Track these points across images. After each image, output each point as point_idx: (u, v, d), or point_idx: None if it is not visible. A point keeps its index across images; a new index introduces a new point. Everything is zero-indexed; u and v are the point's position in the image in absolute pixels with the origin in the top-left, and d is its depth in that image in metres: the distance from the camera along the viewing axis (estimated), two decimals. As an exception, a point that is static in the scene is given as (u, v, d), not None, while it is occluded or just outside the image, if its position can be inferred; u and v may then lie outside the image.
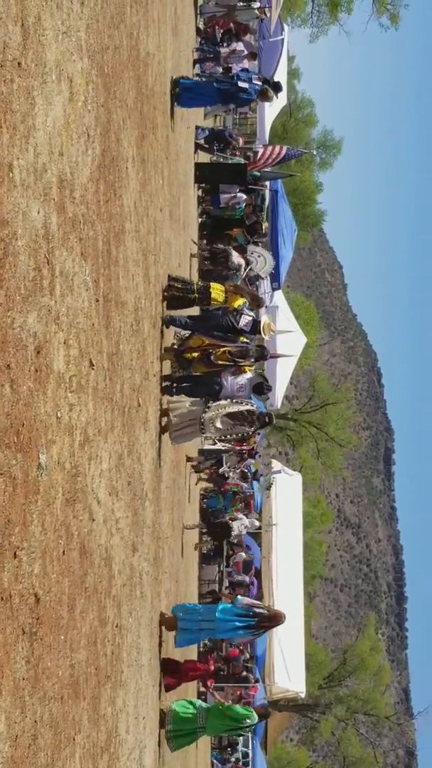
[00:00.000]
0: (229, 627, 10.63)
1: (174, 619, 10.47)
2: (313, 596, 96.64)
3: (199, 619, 10.63)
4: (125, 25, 6.99)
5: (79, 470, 4.93)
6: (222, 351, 11.57)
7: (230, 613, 10.66)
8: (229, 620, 10.58)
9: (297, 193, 53.36)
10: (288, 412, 56.23)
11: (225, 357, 11.56)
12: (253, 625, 10.70)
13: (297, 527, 27.68)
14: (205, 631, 10.83)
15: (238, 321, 11.89)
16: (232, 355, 11.55)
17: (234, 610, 10.70)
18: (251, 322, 12.05)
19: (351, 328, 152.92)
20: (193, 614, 10.67)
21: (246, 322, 11.91)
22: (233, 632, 10.92)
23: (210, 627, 10.65)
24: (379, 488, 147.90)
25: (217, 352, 11.58)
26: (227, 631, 10.82)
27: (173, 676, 10.63)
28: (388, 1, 50.19)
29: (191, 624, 10.56)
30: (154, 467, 9.07)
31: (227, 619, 10.58)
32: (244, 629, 10.74)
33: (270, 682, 23.32)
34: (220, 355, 11.57)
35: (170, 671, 10.49)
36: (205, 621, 10.62)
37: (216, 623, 10.57)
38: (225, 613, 10.64)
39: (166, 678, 10.33)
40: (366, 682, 54.96)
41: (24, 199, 3.81)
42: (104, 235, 5.79)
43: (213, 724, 10.70)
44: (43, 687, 4.05)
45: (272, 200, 25.09)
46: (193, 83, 13.36)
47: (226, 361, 11.57)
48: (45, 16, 4.17)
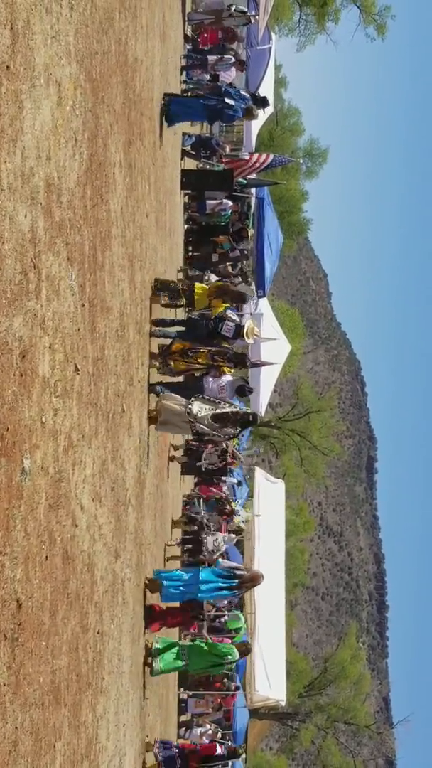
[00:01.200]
0: (211, 588, 11.00)
1: (158, 583, 10.73)
2: (295, 604, 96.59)
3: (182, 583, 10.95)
4: (114, 30, 6.99)
5: (62, 476, 4.91)
6: (203, 352, 11.69)
7: (212, 575, 11.10)
8: (212, 582, 10.97)
9: (283, 201, 53.46)
10: (271, 420, 56.23)
11: (204, 357, 11.69)
12: (234, 586, 11.09)
13: (279, 535, 27.65)
14: (188, 593, 11.11)
15: (220, 327, 12.06)
16: (212, 356, 11.67)
17: (216, 572, 11.20)
18: (234, 327, 12.21)
19: (335, 337, 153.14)
20: (176, 579, 10.97)
21: (228, 328, 12.08)
22: (216, 593, 11.27)
23: (193, 590, 10.97)
24: (361, 497, 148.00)
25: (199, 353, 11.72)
26: (210, 591, 11.13)
27: (157, 621, 10.87)
28: (375, 12, 50.38)
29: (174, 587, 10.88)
30: (137, 473, 9.05)
31: (210, 580, 10.98)
32: (226, 590, 11.13)
33: (250, 690, 23.24)
34: (201, 354, 11.70)
35: (154, 617, 10.74)
36: (189, 585, 10.94)
37: (199, 586, 10.92)
38: (207, 575, 11.08)
39: (151, 623, 10.61)
40: (346, 690, 54.91)
41: (11, 202, 3.80)
42: (91, 240, 5.78)
43: (196, 661, 11.15)
44: (24, 693, 4.03)
45: (258, 208, 25.11)
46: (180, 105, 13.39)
47: (205, 359, 11.70)
48: (34, 20, 4.16)
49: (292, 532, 53.28)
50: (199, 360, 11.70)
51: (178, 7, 15.74)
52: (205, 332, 12.27)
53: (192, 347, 11.68)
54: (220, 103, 14.40)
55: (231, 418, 11.45)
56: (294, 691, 49.00)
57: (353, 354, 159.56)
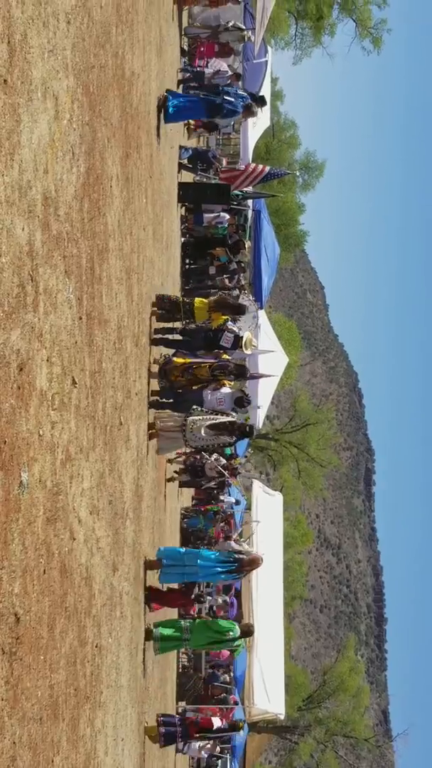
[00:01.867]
0: (210, 572, 11.14)
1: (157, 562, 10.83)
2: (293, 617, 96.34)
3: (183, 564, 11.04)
4: (111, 44, 7.01)
5: (60, 489, 4.90)
6: (203, 366, 11.77)
7: (212, 559, 11.21)
8: (211, 566, 11.07)
9: (279, 213, 53.56)
10: (269, 432, 56.20)
11: (205, 372, 11.74)
12: (233, 569, 11.22)
13: (277, 548, 27.58)
14: (187, 574, 11.23)
15: (219, 338, 12.19)
16: (212, 370, 11.74)
17: (214, 556, 11.32)
18: (233, 338, 12.34)
19: (332, 349, 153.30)
20: (176, 558, 11.07)
21: (227, 339, 12.19)
22: (215, 576, 11.46)
23: (192, 571, 11.08)
24: (359, 509, 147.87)
25: (198, 367, 11.80)
26: (209, 575, 11.32)
27: (157, 602, 11.03)
28: (370, 26, 50.61)
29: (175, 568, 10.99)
30: (135, 486, 9.03)
31: (209, 565, 11.07)
32: (225, 573, 11.29)
33: (249, 704, 23.12)
34: (201, 370, 11.78)
35: (154, 598, 10.86)
36: (188, 566, 11.04)
37: (198, 568, 11.02)
38: (206, 559, 11.18)
39: (152, 603, 10.75)
40: (345, 703, 54.71)
41: (8, 216, 3.80)
42: (88, 253, 5.79)
43: (197, 637, 11.30)
44: (22, 708, 4.01)
45: (255, 220, 25.15)
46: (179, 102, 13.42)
47: (207, 375, 11.77)
48: (31, 34, 4.18)
49: (290, 544, 53.18)
50: (199, 376, 11.78)
51: (174, 21, 15.80)
52: (204, 343, 12.42)
53: (192, 363, 11.77)
54: (219, 97, 14.48)
55: (228, 427, 11.58)
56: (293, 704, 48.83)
57: (350, 366, 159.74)
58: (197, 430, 11.34)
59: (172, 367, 11.58)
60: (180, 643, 11.39)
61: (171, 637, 10.99)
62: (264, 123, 30.51)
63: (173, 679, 17.53)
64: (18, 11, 3.94)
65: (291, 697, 45.18)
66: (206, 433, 11.37)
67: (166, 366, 11.61)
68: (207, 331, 12.52)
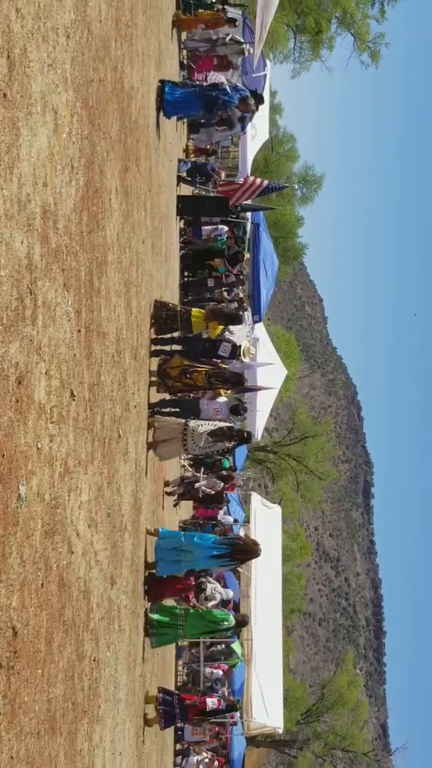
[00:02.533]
0: (206, 554, 11.07)
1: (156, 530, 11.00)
2: (291, 630, 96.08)
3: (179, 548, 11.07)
4: (110, 58, 7.04)
5: (58, 502, 4.89)
6: (200, 372, 11.83)
7: (208, 541, 11.23)
8: (207, 547, 11.07)
9: (278, 226, 53.66)
10: (268, 445, 56.18)
11: (201, 378, 11.80)
12: (228, 553, 11.14)
13: (276, 561, 27.56)
14: (183, 562, 11.19)
15: (217, 348, 12.36)
16: (209, 377, 11.81)
17: (212, 538, 11.34)
18: (230, 348, 12.47)
19: (331, 361, 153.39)
20: (173, 540, 11.11)
21: (224, 349, 12.31)
22: (210, 561, 11.33)
23: (188, 558, 11.07)
24: (358, 521, 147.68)
25: (196, 372, 11.91)
26: (205, 559, 11.22)
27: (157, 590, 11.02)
28: (369, 39, 50.83)
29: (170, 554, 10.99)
30: (133, 499, 9.02)
31: (205, 545, 11.09)
32: (220, 558, 11.18)
33: (248, 718, 23.08)
34: (197, 375, 11.87)
35: (154, 585, 10.89)
36: (184, 551, 11.05)
37: (194, 549, 11.03)
38: (203, 539, 11.24)
39: (151, 591, 10.77)
40: (344, 717, 54.55)
41: (7, 229, 3.81)
42: (87, 266, 5.79)
43: (192, 624, 11.33)
44: (19, 722, 3.99)
45: (254, 233, 25.21)
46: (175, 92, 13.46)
47: (201, 382, 11.84)
48: (31, 48, 4.19)
49: (289, 557, 53.10)
50: (196, 382, 11.86)
51: (173, 34, 15.86)
52: (202, 351, 12.51)
53: (190, 365, 11.85)
54: (215, 90, 14.52)
55: (226, 433, 11.70)
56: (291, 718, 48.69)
57: (349, 378, 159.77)
58: (198, 437, 11.43)
59: (170, 367, 11.67)
60: (175, 631, 11.32)
61: (166, 624, 10.99)
62: (263, 136, 30.63)
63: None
64: (17, 26, 3.96)
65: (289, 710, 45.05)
66: (206, 441, 11.47)
67: (165, 364, 11.70)
68: (205, 341, 12.61)
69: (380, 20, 50.93)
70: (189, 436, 11.46)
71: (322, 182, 62.68)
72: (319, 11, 48.98)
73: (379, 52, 51.62)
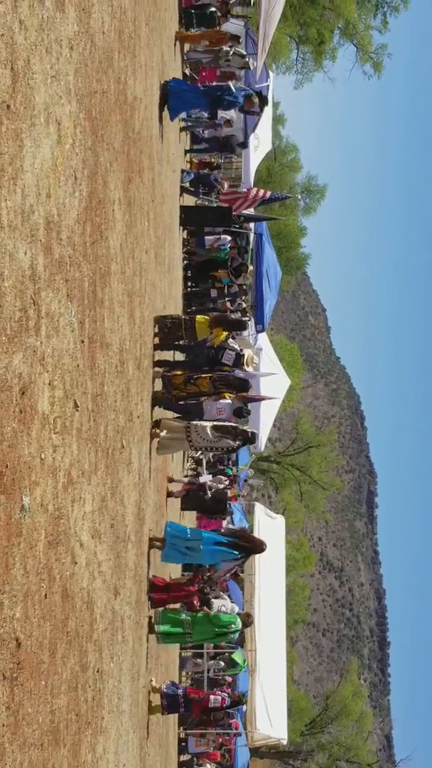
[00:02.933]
0: (213, 549, 11.10)
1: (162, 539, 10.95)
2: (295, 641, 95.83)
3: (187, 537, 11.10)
4: (113, 69, 7.06)
5: (62, 512, 4.89)
6: (204, 378, 11.98)
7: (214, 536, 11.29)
8: (214, 540, 11.12)
9: (281, 236, 53.75)
10: (271, 455, 56.16)
11: (206, 383, 11.84)
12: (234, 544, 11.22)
13: (280, 571, 27.50)
14: (189, 555, 11.23)
15: (221, 356, 12.55)
16: (214, 382, 11.85)
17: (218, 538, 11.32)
18: (234, 356, 12.64)
19: (334, 371, 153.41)
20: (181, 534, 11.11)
21: (228, 357, 12.42)
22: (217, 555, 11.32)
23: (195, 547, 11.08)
24: (361, 532, 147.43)
25: (200, 378, 12.04)
26: (211, 553, 11.22)
27: (161, 593, 10.98)
28: (371, 50, 50.99)
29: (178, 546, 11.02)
30: (137, 509, 9.01)
31: (212, 539, 11.15)
32: (227, 552, 11.23)
33: (252, 729, 22.99)
34: (202, 381, 12.00)
35: (158, 589, 10.87)
36: (192, 541, 11.08)
37: (201, 543, 11.05)
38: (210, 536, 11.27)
39: (155, 594, 10.73)
40: (348, 728, 54.37)
41: (11, 240, 3.81)
42: (90, 276, 5.80)
43: (200, 630, 11.25)
44: (23, 733, 3.98)
45: (257, 243, 25.23)
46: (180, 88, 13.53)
47: (207, 387, 11.88)
48: (35, 59, 4.20)
49: (293, 567, 52.99)
50: (201, 387, 11.90)
51: (176, 46, 15.91)
52: (206, 360, 12.56)
53: (194, 373, 11.90)
54: (219, 90, 14.63)
55: (231, 431, 11.75)
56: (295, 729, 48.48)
57: (353, 388, 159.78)
58: (202, 431, 11.48)
59: (173, 377, 11.70)
60: (183, 638, 11.37)
61: (172, 632, 10.98)
62: (265, 147, 30.71)
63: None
64: (21, 37, 3.97)
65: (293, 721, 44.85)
66: (212, 434, 11.52)
67: (169, 373, 11.76)
68: (209, 349, 12.66)
69: (383, 31, 51.16)
70: (193, 432, 11.49)
71: (324, 192, 62.84)
72: (321, 22, 49.15)
73: (381, 62, 51.80)
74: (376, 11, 50.57)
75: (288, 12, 43.33)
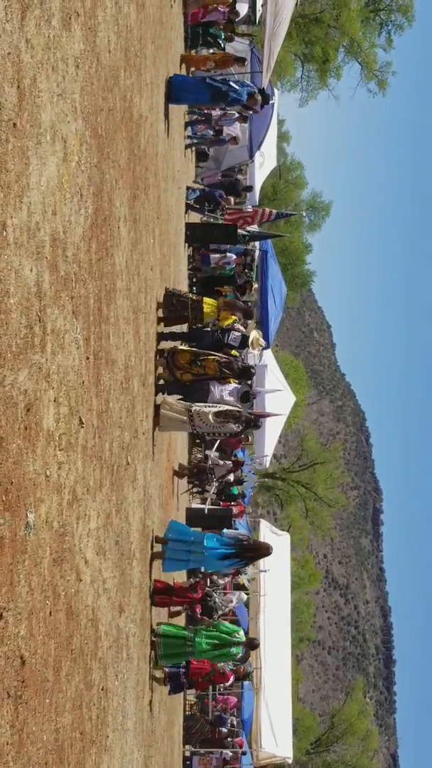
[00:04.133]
0: (216, 555, 11.02)
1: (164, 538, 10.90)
2: (301, 659, 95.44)
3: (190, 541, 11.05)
4: (119, 87, 7.09)
5: (67, 529, 4.88)
6: (211, 359, 11.93)
7: (218, 541, 11.15)
8: (216, 548, 11.01)
9: (286, 253, 53.87)
10: (276, 472, 56.07)
11: (213, 365, 11.84)
12: (237, 553, 11.12)
13: (285, 588, 27.39)
14: (192, 561, 11.20)
15: (227, 337, 12.55)
16: (220, 365, 11.83)
17: (222, 540, 11.22)
18: (239, 337, 12.75)
19: (339, 388, 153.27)
20: (184, 536, 11.08)
21: (234, 338, 12.51)
22: (220, 562, 11.26)
23: (198, 551, 11.01)
24: (367, 549, 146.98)
25: (206, 359, 11.97)
26: (214, 560, 11.16)
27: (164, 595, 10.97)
28: (376, 68, 51.17)
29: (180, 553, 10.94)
30: (142, 526, 8.99)
31: (214, 546, 11.02)
32: (230, 558, 11.14)
33: (257, 747, 22.85)
34: (208, 362, 11.93)
35: (161, 591, 10.84)
36: (195, 544, 11.02)
37: (204, 548, 10.97)
38: (213, 541, 11.13)
39: (157, 595, 10.68)
40: (354, 747, 54.10)
41: (17, 257, 3.82)
42: (96, 293, 5.81)
43: (200, 643, 11.07)
44: (27, 752, 3.96)
45: (262, 260, 25.27)
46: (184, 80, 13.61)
47: (213, 370, 11.89)
48: (41, 78, 4.22)
49: (298, 585, 52.86)
50: (207, 370, 11.88)
51: (182, 64, 15.98)
52: (211, 341, 12.56)
53: (200, 354, 11.88)
54: (224, 85, 14.69)
55: (234, 415, 11.67)
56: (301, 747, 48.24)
57: (358, 405, 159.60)
58: (204, 416, 11.44)
59: (178, 353, 11.68)
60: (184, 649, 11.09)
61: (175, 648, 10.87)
62: (271, 164, 30.81)
63: (180, 722, 17.34)
64: (27, 56, 3.99)
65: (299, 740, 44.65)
66: (214, 419, 11.48)
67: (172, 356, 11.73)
68: (215, 332, 12.73)
69: (387, 49, 51.36)
70: (196, 417, 11.46)
71: (329, 209, 63.02)
72: (326, 40, 49.38)
73: (386, 80, 51.97)
74: (381, 29, 50.82)
75: (293, 30, 43.56)
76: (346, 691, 79.52)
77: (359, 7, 48.43)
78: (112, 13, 6.62)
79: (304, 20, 47.45)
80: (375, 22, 50.41)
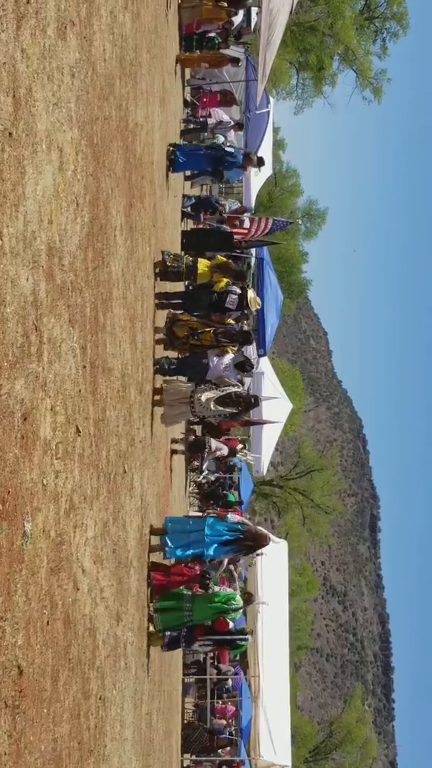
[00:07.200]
0: (216, 540, 11.02)
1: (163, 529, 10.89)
2: (299, 666, 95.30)
3: (188, 530, 11.07)
4: (114, 96, 7.10)
5: (64, 538, 4.87)
6: (207, 332, 12.12)
7: (219, 525, 11.18)
8: (216, 533, 11.04)
9: (282, 261, 53.95)
10: (274, 479, 56.06)
11: (210, 338, 12.08)
12: (238, 539, 11.17)
13: (283, 596, 27.34)
14: (193, 545, 11.13)
15: (224, 300, 12.67)
16: (217, 336, 11.90)
17: (223, 524, 11.24)
18: (236, 299, 12.78)
19: (336, 395, 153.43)
20: (182, 525, 11.14)
21: (231, 300, 12.70)
22: (219, 548, 11.20)
23: (198, 539, 11.01)
24: (365, 556, 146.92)
25: (204, 332, 12.15)
26: (215, 544, 11.12)
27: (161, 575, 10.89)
28: (371, 76, 51.34)
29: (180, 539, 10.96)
30: (139, 534, 8.99)
31: (214, 532, 11.05)
32: (230, 544, 11.15)
33: (255, 756, 22.78)
34: (205, 335, 12.12)
35: (159, 570, 10.79)
36: (194, 532, 11.04)
37: (204, 534, 10.98)
38: (213, 526, 11.14)
39: (155, 575, 10.62)
40: (353, 754, 54.04)
41: (13, 266, 3.82)
42: (92, 302, 5.81)
43: (200, 609, 11.06)
44: (25, 762, 3.95)
45: (258, 268, 25.28)
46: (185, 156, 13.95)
47: (211, 341, 12.12)
48: (36, 87, 4.23)
49: (296, 592, 52.83)
50: (204, 342, 11.97)
51: (177, 72, 16.03)
52: (207, 304, 12.64)
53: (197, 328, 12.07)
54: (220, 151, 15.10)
55: (234, 399, 11.74)
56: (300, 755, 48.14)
57: (354, 411, 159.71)
58: (206, 403, 11.53)
59: (179, 324, 11.86)
60: (182, 614, 10.98)
61: (172, 607, 10.81)
62: (266, 172, 30.84)
63: (178, 731, 17.31)
64: (23, 65, 4.00)
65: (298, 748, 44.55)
66: (215, 407, 11.59)
67: (173, 324, 11.89)
68: (211, 294, 12.81)
69: (382, 56, 51.57)
70: (197, 403, 11.55)
71: (325, 216, 63.20)
72: (321, 48, 49.56)
73: (381, 88, 52.20)
74: (376, 37, 51.01)
75: (288, 38, 43.71)
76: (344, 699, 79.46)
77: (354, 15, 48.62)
78: (107, 23, 6.64)
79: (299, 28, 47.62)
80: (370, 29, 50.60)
